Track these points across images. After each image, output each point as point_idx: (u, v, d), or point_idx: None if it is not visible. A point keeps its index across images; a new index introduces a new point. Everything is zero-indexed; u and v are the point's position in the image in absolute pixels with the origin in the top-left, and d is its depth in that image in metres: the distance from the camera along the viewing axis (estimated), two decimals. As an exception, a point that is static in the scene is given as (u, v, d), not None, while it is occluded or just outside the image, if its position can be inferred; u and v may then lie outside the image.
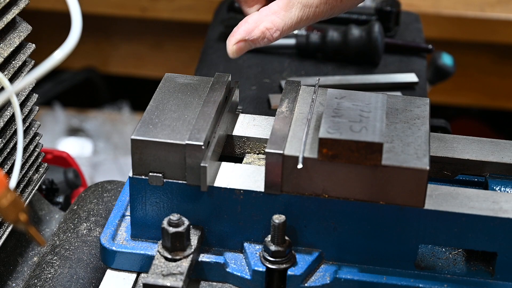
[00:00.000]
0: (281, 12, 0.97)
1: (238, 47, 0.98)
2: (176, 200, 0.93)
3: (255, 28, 0.97)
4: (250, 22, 0.98)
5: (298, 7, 0.97)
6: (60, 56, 0.73)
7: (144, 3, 2.30)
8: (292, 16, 0.97)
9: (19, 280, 1.04)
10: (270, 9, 0.98)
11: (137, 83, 2.60)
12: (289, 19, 0.97)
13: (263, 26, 0.97)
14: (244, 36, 0.97)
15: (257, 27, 0.97)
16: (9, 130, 1.01)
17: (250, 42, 0.98)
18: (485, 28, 2.19)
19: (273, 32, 0.97)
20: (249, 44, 0.98)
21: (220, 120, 0.96)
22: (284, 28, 0.97)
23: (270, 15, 0.97)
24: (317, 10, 0.97)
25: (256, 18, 0.98)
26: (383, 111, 0.91)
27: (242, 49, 0.98)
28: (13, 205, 0.75)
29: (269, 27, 0.97)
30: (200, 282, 0.95)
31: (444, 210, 0.89)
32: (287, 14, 0.97)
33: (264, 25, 0.97)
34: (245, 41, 0.97)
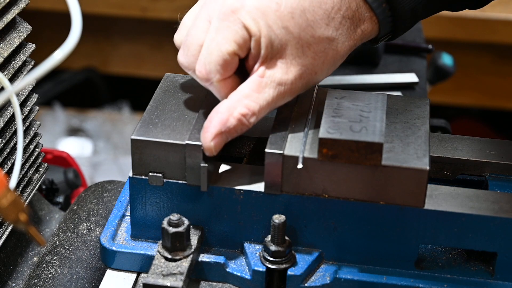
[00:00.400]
0: (254, 95, 0.88)
1: (216, 142, 0.88)
2: (176, 200, 0.93)
3: (229, 117, 0.88)
4: (223, 112, 0.88)
5: (272, 86, 0.89)
6: (60, 56, 0.73)
7: (144, 3, 2.30)
8: (267, 97, 0.88)
9: (19, 280, 1.04)
10: (241, 93, 0.89)
11: (137, 83, 2.60)
12: (263, 100, 0.88)
13: (238, 113, 0.88)
14: (219, 128, 0.88)
15: (231, 115, 0.88)
16: (9, 130, 1.01)
17: (227, 133, 0.88)
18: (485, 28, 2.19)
19: (249, 117, 0.88)
20: (226, 136, 0.88)
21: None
22: (260, 112, 0.89)
23: (242, 99, 0.88)
24: (292, 87, 0.89)
25: (228, 105, 0.88)
26: (383, 111, 0.91)
27: (220, 144, 0.88)
28: (13, 205, 0.75)
29: (244, 112, 0.88)
30: (200, 282, 0.95)
31: (444, 210, 0.89)
32: (261, 96, 0.88)
33: (238, 111, 0.88)
34: (222, 133, 0.88)
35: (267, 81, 0.89)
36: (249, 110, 0.88)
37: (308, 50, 0.89)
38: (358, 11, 0.92)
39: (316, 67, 0.90)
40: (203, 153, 0.89)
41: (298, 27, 0.88)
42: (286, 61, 0.89)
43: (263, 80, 0.89)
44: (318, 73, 0.91)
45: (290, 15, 0.88)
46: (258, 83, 0.89)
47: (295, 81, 0.89)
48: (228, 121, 0.88)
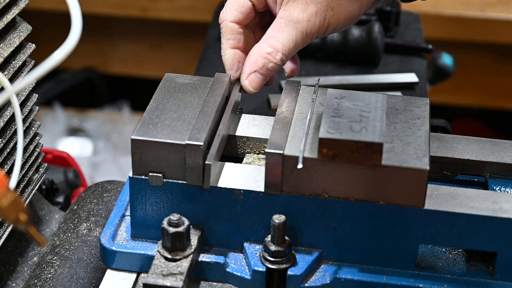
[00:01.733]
0: (277, 35, 0.99)
1: (250, 80, 1.00)
2: (176, 200, 0.93)
3: (258, 57, 0.99)
4: (253, 53, 1.00)
5: (290, 25, 0.98)
6: (60, 56, 0.73)
7: (144, 3, 2.30)
8: (287, 35, 0.98)
9: (19, 280, 1.04)
10: (267, 35, 1.00)
11: (137, 83, 2.60)
12: (285, 38, 0.98)
13: (264, 52, 0.99)
14: (251, 68, 1.00)
15: (259, 55, 0.99)
16: (9, 130, 1.01)
17: (260, 71, 1.00)
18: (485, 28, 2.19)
19: (275, 54, 0.99)
20: (260, 74, 1.00)
21: (223, 120, 0.96)
22: (284, 49, 0.99)
23: (267, 40, 0.99)
24: (309, 24, 0.98)
25: (257, 47, 1.00)
26: (383, 111, 0.91)
27: (255, 81, 1.00)
28: (13, 205, 0.75)
29: (269, 51, 0.99)
30: (200, 282, 0.95)
31: (444, 210, 0.89)
32: (282, 35, 0.98)
33: (265, 50, 0.99)
34: (254, 71, 1.00)
35: (285, 21, 0.98)
36: (274, 48, 0.99)
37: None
38: None
39: (332, 2, 0.97)
40: (203, 153, 0.89)
41: None
42: (302, 1, 0.98)
43: (282, 21, 0.99)
44: (335, 8, 0.98)
45: None
46: (278, 24, 0.99)
47: (311, 18, 0.98)
48: (257, 61, 0.99)
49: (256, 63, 0.99)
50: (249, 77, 1.00)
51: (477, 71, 2.35)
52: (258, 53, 0.99)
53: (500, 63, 2.34)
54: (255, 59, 1.00)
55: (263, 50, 0.99)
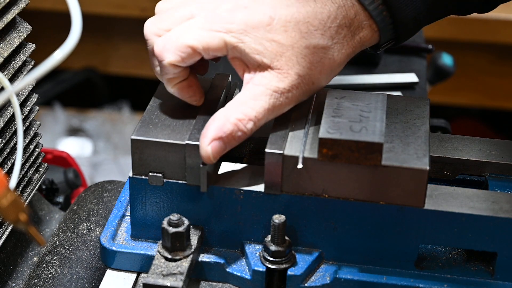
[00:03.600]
0: (250, 102, 0.89)
1: (213, 148, 0.88)
2: (176, 200, 0.93)
3: (226, 122, 0.88)
4: (219, 118, 0.89)
5: (267, 94, 0.89)
6: (60, 56, 0.73)
7: (144, 3, 2.30)
8: (263, 104, 0.89)
9: (19, 280, 1.04)
10: (238, 101, 0.90)
11: (137, 83, 2.60)
12: (260, 107, 0.89)
13: (234, 118, 0.88)
14: (216, 133, 0.88)
15: (227, 121, 0.88)
16: (9, 130, 1.01)
17: (225, 139, 0.88)
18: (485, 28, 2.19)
19: (246, 122, 0.88)
20: (223, 143, 0.88)
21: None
22: (257, 118, 0.89)
23: (239, 106, 0.89)
24: (289, 96, 0.90)
25: (225, 112, 0.89)
26: (383, 111, 0.91)
27: (217, 150, 0.88)
28: (13, 205, 0.75)
29: (240, 118, 0.88)
30: (200, 282, 0.95)
31: (444, 210, 0.89)
32: (257, 103, 0.89)
33: (235, 116, 0.88)
34: (219, 138, 0.88)
35: (262, 89, 0.89)
36: (245, 116, 0.88)
37: (303, 61, 0.90)
38: (357, 19, 0.91)
39: (313, 77, 0.91)
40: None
41: (291, 39, 0.89)
42: (281, 71, 0.89)
43: (258, 88, 0.89)
44: (316, 82, 0.92)
45: (282, 28, 0.89)
46: (253, 91, 0.89)
47: (291, 90, 0.90)
48: (224, 126, 0.88)
49: (223, 129, 0.88)
50: (212, 144, 0.88)
51: (477, 71, 2.35)
52: (226, 118, 0.88)
53: (500, 63, 2.34)
54: (222, 125, 0.88)
55: (232, 116, 0.88)
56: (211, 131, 0.88)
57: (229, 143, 0.89)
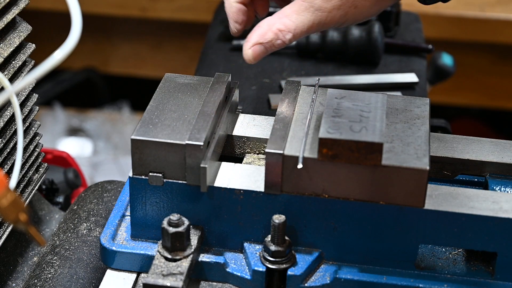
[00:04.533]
0: (293, 15, 0.96)
1: (254, 50, 0.97)
2: (176, 200, 0.93)
3: (268, 31, 0.97)
4: (263, 26, 0.97)
5: (311, 11, 0.96)
6: (60, 56, 0.73)
7: (144, 3, 2.30)
8: (304, 20, 0.96)
9: (19, 280, 1.04)
10: (283, 12, 0.97)
11: (137, 83, 2.60)
12: (300, 22, 0.96)
13: (276, 28, 0.96)
14: (258, 39, 0.97)
15: (270, 30, 0.96)
16: (9, 130, 1.01)
17: (266, 44, 0.97)
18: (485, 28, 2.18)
19: (286, 33, 0.96)
20: (264, 48, 0.97)
21: (220, 120, 0.96)
22: (296, 31, 0.96)
23: (282, 17, 0.97)
24: (329, 16, 0.96)
25: (269, 21, 0.97)
26: (383, 111, 0.91)
27: (258, 53, 0.98)
28: (13, 205, 0.75)
29: (281, 28, 0.96)
30: (200, 282, 0.95)
31: (444, 210, 0.89)
32: (299, 17, 0.96)
33: (277, 26, 0.96)
34: (260, 44, 0.97)
35: (307, 5, 0.96)
36: (286, 27, 0.96)
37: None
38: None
39: (356, 1, 0.96)
40: (203, 153, 0.89)
41: None
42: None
43: (303, 4, 0.96)
44: (359, 7, 0.96)
45: None
46: (299, 6, 0.96)
47: (333, 10, 0.96)
48: (266, 34, 0.97)
49: (264, 36, 0.97)
50: (254, 47, 0.97)
51: (477, 71, 2.35)
52: (269, 27, 0.97)
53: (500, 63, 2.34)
54: (264, 32, 0.97)
55: (274, 25, 0.97)
56: (254, 36, 0.97)
57: (269, 48, 0.97)
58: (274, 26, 0.96)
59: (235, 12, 1.00)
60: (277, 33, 0.96)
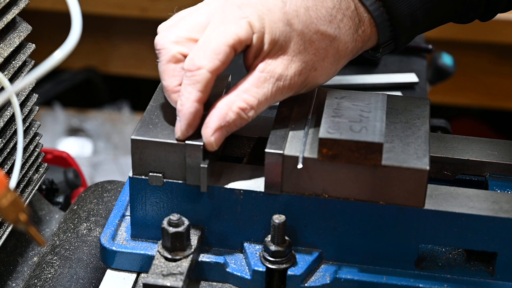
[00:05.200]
0: (253, 89, 0.89)
1: (216, 137, 0.88)
2: (176, 200, 0.93)
3: (228, 111, 0.88)
4: (222, 107, 0.89)
5: (271, 82, 0.89)
6: (60, 56, 0.73)
7: (144, 3, 2.30)
8: (266, 92, 0.89)
9: (19, 280, 1.04)
10: (241, 88, 0.89)
11: (137, 83, 2.60)
12: (262, 95, 0.89)
13: (236, 107, 0.88)
14: (219, 123, 0.88)
15: (230, 110, 0.88)
16: (9, 130, 1.01)
17: (227, 128, 0.89)
18: (485, 28, 2.19)
19: (248, 112, 0.89)
20: (226, 131, 0.89)
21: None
22: (258, 106, 0.89)
23: (241, 94, 0.89)
24: (291, 83, 0.90)
25: (227, 100, 0.89)
26: (383, 111, 0.91)
27: (220, 138, 0.89)
28: (13, 205, 0.75)
29: (242, 107, 0.88)
30: (200, 282, 0.95)
31: (444, 210, 0.89)
32: (260, 91, 0.89)
33: (237, 105, 0.88)
34: (221, 128, 0.88)
35: (266, 76, 0.89)
36: (248, 105, 0.89)
37: (310, 47, 0.90)
38: (358, 11, 0.93)
39: (316, 63, 0.91)
40: (203, 153, 0.89)
41: (302, 24, 0.90)
42: (287, 57, 0.90)
43: (262, 75, 0.89)
44: (318, 69, 0.92)
45: (295, 12, 0.90)
46: (257, 78, 0.89)
47: (294, 77, 0.90)
48: (227, 116, 0.88)
49: (226, 119, 0.88)
50: (215, 134, 0.88)
51: (477, 71, 2.35)
52: (228, 107, 0.88)
53: (500, 63, 2.34)
54: (224, 113, 0.88)
55: (234, 104, 0.88)
56: (214, 121, 0.88)
57: (231, 130, 0.90)
58: (234, 105, 0.88)
59: (193, 113, 0.89)
60: (239, 112, 0.88)
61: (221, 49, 0.87)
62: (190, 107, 0.88)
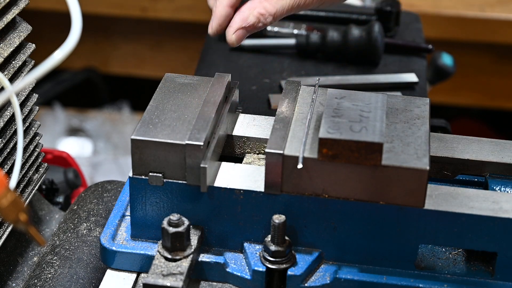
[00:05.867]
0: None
1: (237, 35, 1.03)
2: (176, 200, 0.93)
3: (249, 15, 1.02)
4: (244, 10, 1.03)
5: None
6: (60, 56, 0.73)
7: (144, 3, 2.30)
8: (283, 3, 1.02)
9: (19, 280, 1.04)
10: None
11: (137, 83, 2.60)
12: (280, 5, 1.02)
13: (257, 12, 1.02)
14: (240, 24, 1.03)
15: (251, 14, 1.02)
16: (9, 130, 1.01)
17: (248, 28, 1.03)
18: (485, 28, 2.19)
19: (266, 17, 1.02)
20: (246, 31, 1.03)
21: (220, 120, 0.96)
22: (276, 14, 1.02)
23: (263, 1, 1.03)
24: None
25: (250, 5, 1.03)
26: (383, 111, 0.91)
27: (241, 37, 1.03)
28: (13, 205, 0.75)
29: (262, 12, 1.02)
30: (200, 282, 0.95)
31: (444, 210, 0.89)
32: (279, 2, 1.02)
33: (258, 10, 1.02)
34: (243, 28, 1.03)
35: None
36: (266, 11, 1.02)
37: None
38: None
39: None
40: (203, 153, 0.90)
41: None
42: None
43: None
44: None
45: None
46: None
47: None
48: (248, 18, 1.02)
49: (246, 21, 1.03)
50: (237, 32, 1.03)
51: (477, 71, 2.35)
52: (250, 11, 1.03)
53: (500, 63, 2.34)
54: (246, 16, 1.03)
55: (255, 10, 1.02)
56: (237, 21, 1.03)
57: (251, 31, 1.04)
58: (256, 10, 1.02)
59: (224, 16, 1.04)
60: (259, 16, 1.02)
61: None
62: (222, 10, 1.04)
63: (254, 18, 1.03)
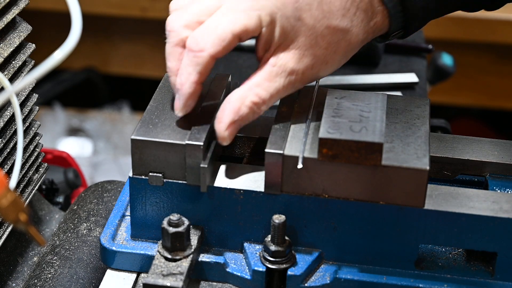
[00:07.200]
0: (265, 83, 0.89)
1: (230, 131, 0.89)
2: (176, 200, 0.93)
3: (241, 106, 0.88)
4: (234, 101, 0.89)
5: (283, 76, 0.89)
6: (60, 56, 0.73)
7: (144, 3, 2.30)
8: (277, 86, 0.89)
9: (19, 280, 1.04)
10: (253, 82, 0.89)
11: (137, 83, 2.60)
12: (274, 89, 0.89)
13: (249, 101, 0.89)
14: (232, 117, 0.88)
15: (243, 104, 0.88)
16: (9, 130, 1.01)
17: (240, 122, 0.89)
18: (485, 28, 2.19)
19: (260, 106, 0.89)
20: (239, 125, 0.89)
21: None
22: (270, 100, 0.90)
23: (253, 88, 0.89)
24: (303, 77, 0.91)
25: (239, 94, 0.89)
26: (383, 111, 0.91)
27: (234, 133, 0.90)
28: (13, 205, 0.75)
29: (255, 101, 0.89)
30: (200, 282, 0.95)
31: (444, 210, 0.89)
32: (272, 85, 0.89)
33: (250, 99, 0.89)
34: (235, 122, 0.89)
35: (278, 70, 0.89)
36: (260, 99, 0.89)
37: (321, 41, 0.91)
38: (371, 4, 0.93)
39: (327, 57, 0.92)
40: (203, 153, 0.89)
41: (313, 18, 0.90)
42: (299, 51, 0.90)
43: (274, 69, 0.89)
44: (329, 63, 0.93)
45: (307, 7, 0.90)
46: (269, 72, 0.89)
47: (306, 71, 0.91)
48: (240, 110, 0.89)
49: (239, 113, 0.88)
50: (229, 128, 0.89)
51: (477, 71, 2.35)
52: (241, 101, 0.88)
53: (500, 63, 2.34)
54: (237, 108, 0.88)
55: (248, 99, 0.89)
56: (227, 115, 0.89)
57: (244, 123, 0.90)
58: (247, 100, 0.88)
59: (192, 93, 0.90)
60: (252, 106, 0.89)
61: (226, 36, 0.87)
62: (189, 88, 0.89)
63: (247, 108, 0.88)
